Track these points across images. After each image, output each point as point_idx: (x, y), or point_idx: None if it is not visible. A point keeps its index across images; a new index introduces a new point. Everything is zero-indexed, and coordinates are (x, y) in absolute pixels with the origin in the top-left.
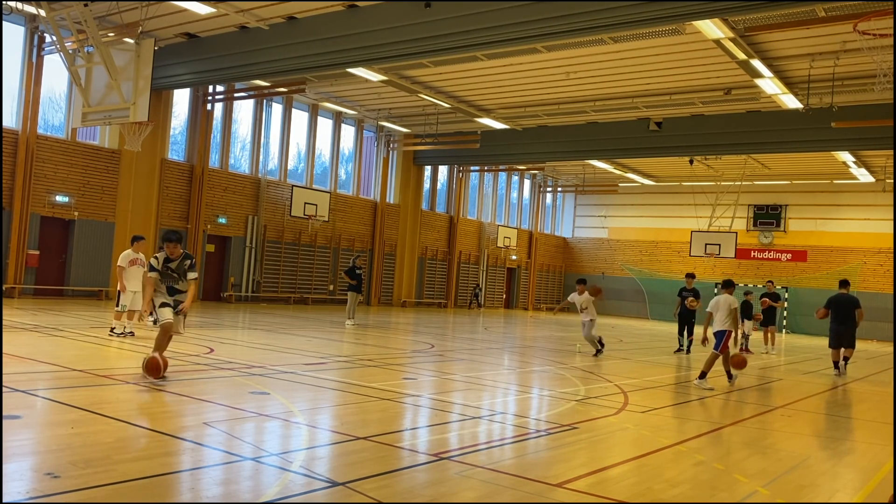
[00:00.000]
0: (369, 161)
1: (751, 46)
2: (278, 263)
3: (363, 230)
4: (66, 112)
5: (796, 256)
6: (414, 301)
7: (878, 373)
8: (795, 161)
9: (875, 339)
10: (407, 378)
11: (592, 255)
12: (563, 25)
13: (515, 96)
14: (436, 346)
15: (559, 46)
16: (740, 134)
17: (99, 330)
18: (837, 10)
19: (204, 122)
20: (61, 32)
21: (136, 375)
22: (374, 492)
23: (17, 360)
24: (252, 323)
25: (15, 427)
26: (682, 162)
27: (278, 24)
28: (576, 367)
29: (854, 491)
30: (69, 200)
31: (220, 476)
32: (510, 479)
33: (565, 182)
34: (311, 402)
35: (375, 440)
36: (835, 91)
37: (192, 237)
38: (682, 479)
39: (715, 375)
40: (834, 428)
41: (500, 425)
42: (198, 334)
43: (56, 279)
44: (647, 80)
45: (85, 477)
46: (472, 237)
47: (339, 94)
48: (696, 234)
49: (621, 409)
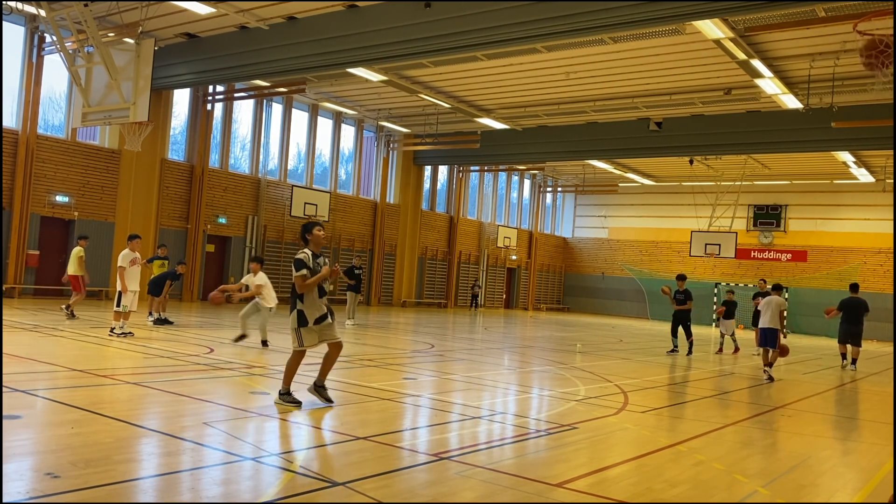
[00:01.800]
0: (369, 161)
1: (751, 46)
2: (278, 263)
3: (363, 230)
4: (66, 112)
5: (796, 256)
6: (414, 301)
7: (878, 373)
8: (795, 161)
9: (875, 339)
10: (407, 378)
11: (592, 255)
12: (563, 25)
13: (515, 96)
14: (436, 346)
15: (559, 46)
16: (740, 134)
17: (99, 330)
18: (837, 10)
19: (204, 122)
20: (61, 32)
21: (136, 375)
22: (374, 492)
23: (17, 360)
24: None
25: (15, 427)
26: (682, 162)
27: (278, 24)
28: (576, 367)
29: (854, 491)
30: (69, 200)
31: (220, 476)
32: (510, 479)
33: (565, 182)
34: (311, 401)
35: (375, 440)
36: (835, 91)
37: (191, 237)
38: (682, 479)
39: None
40: (834, 428)
41: (500, 425)
42: (198, 334)
43: (56, 279)
44: (647, 80)
45: (85, 477)
46: (472, 237)
47: (339, 94)
48: (696, 234)
49: (621, 409)
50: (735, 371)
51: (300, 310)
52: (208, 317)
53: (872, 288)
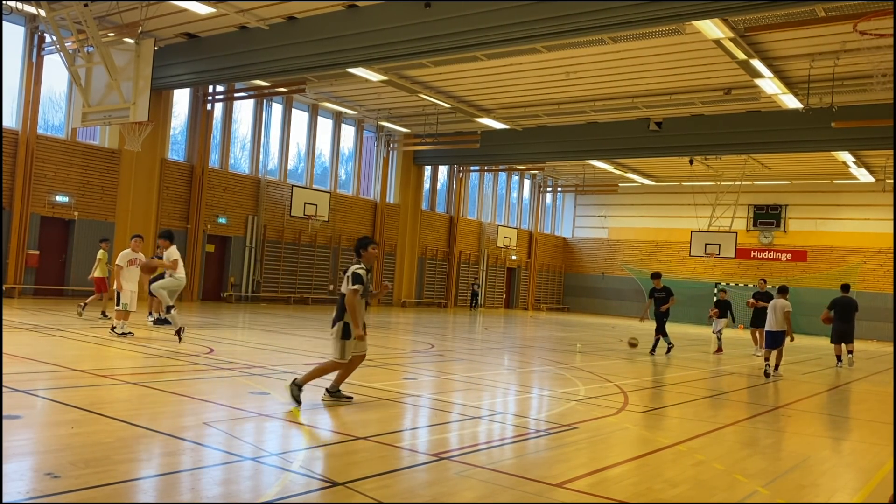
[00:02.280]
0: (369, 161)
1: (751, 46)
2: (278, 263)
3: (363, 230)
4: (66, 112)
5: (796, 256)
6: (414, 301)
7: (878, 373)
8: (795, 161)
9: (875, 339)
10: (407, 378)
11: (592, 255)
12: (563, 25)
13: (515, 96)
14: (436, 345)
15: (559, 46)
16: (740, 134)
17: (99, 330)
18: (837, 10)
19: (204, 122)
20: (61, 32)
21: (136, 375)
22: (374, 492)
23: (17, 360)
24: (252, 323)
25: (15, 427)
26: (682, 162)
27: (278, 24)
28: (576, 367)
29: (854, 491)
30: (69, 200)
31: (220, 476)
32: (510, 479)
33: (565, 182)
34: (311, 402)
35: (375, 440)
36: (835, 91)
37: (192, 237)
38: (682, 479)
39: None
40: (834, 428)
41: (500, 425)
42: (198, 334)
43: (56, 279)
44: (647, 80)
45: (85, 477)
46: (472, 237)
47: (339, 94)
48: (696, 234)
49: (621, 409)
50: (735, 371)
51: (346, 322)
52: (208, 317)
53: (872, 288)
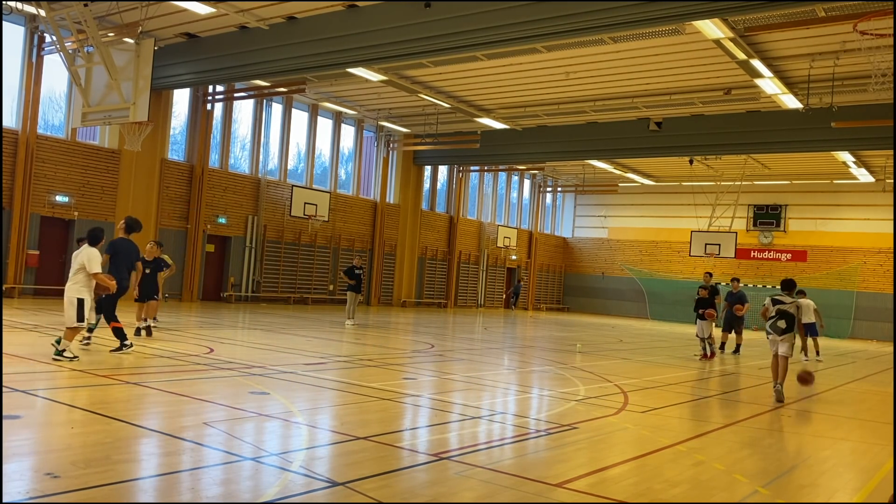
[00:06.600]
0: (369, 161)
1: (751, 46)
2: (278, 263)
3: (363, 230)
4: (66, 112)
5: (796, 256)
6: (414, 301)
7: (878, 373)
8: (795, 161)
9: (875, 339)
10: (407, 378)
11: (592, 255)
12: (563, 25)
13: (515, 96)
14: (436, 346)
15: (559, 46)
16: (740, 134)
17: (99, 330)
18: (837, 10)
19: (204, 122)
20: (61, 32)
21: (136, 375)
22: (374, 492)
23: (17, 360)
24: (252, 323)
25: (15, 427)
26: (682, 162)
27: (278, 24)
28: (576, 367)
29: (854, 491)
30: (69, 200)
31: (220, 476)
32: (510, 479)
33: (565, 182)
34: (311, 402)
35: (375, 440)
36: (835, 91)
37: (191, 237)
38: (682, 479)
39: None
40: (834, 428)
41: (500, 425)
42: (198, 334)
43: (56, 279)
44: (647, 80)
45: (85, 477)
46: (472, 237)
47: (338, 94)
48: (695, 234)
49: (621, 409)
50: (735, 371)
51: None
52: (208, 317)
53: (872, 288)
